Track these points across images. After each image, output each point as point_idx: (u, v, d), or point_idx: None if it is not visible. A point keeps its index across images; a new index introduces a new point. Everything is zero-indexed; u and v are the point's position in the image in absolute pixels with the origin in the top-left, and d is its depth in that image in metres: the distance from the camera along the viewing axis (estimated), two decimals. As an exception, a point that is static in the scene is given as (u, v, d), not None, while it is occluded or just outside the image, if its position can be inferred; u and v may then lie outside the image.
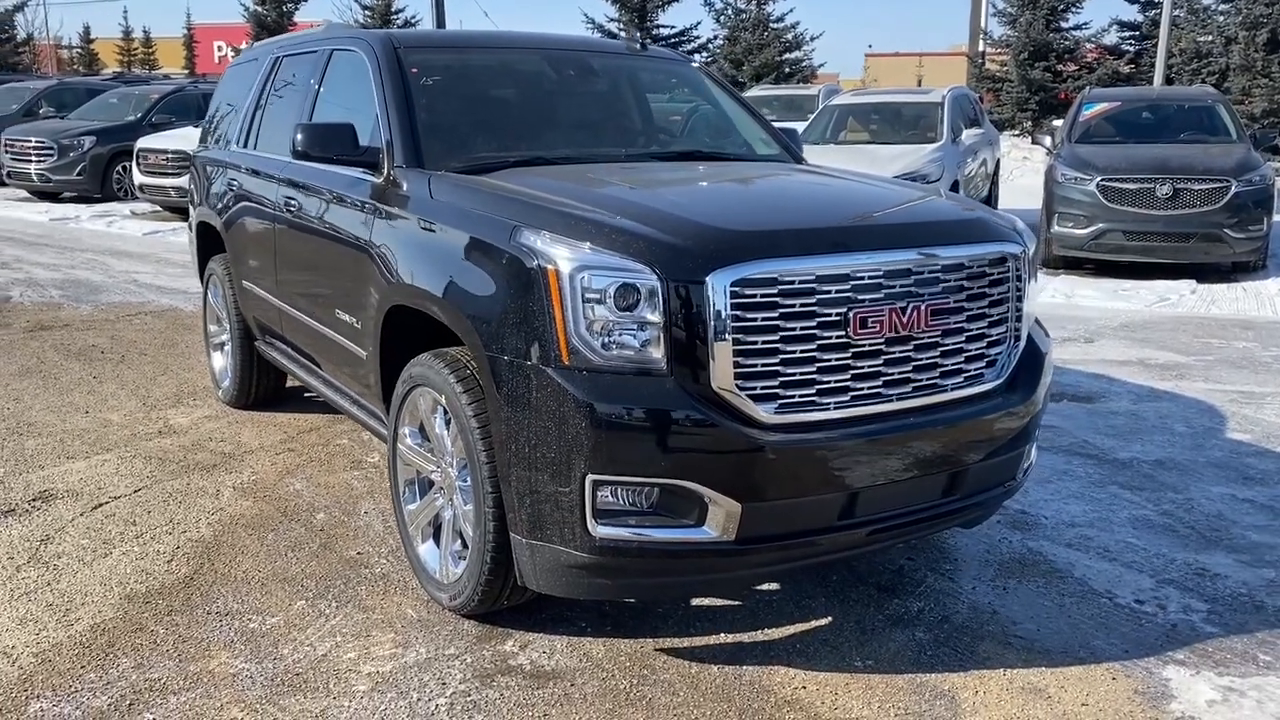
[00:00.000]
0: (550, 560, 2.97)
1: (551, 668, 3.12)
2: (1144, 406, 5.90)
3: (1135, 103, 12.50)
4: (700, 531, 2.89)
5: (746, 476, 2.86)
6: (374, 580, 3.68)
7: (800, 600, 3.56)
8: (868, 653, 3.23)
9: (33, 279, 10.24)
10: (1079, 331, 7.97)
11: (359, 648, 3.21)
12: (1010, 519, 4.27)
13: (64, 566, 3.76)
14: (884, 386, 3.04)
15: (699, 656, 3.20)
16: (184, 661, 3.12)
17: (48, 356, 6.97)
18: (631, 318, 2.83)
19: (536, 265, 2.88)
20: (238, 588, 3.61)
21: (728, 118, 4.72)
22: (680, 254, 2.85)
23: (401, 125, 3.82)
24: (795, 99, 19.46)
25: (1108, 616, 3.47)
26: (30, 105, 18.11)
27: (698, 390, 2.84)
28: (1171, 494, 4.55)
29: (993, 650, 3.25)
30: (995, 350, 3.30)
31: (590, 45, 4.77)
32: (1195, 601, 3.57)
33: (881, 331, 2.99)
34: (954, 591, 3.64)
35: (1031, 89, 23.58)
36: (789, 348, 2.89)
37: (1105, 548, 3.99)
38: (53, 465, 4.84)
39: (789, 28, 27.59)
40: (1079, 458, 5.02)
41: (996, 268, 3.28)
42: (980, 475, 3.30)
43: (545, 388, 2.86)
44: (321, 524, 4.17)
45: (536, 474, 2.90)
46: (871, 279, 2.98)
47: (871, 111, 13.35)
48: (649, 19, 27.62)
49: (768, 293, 2.85)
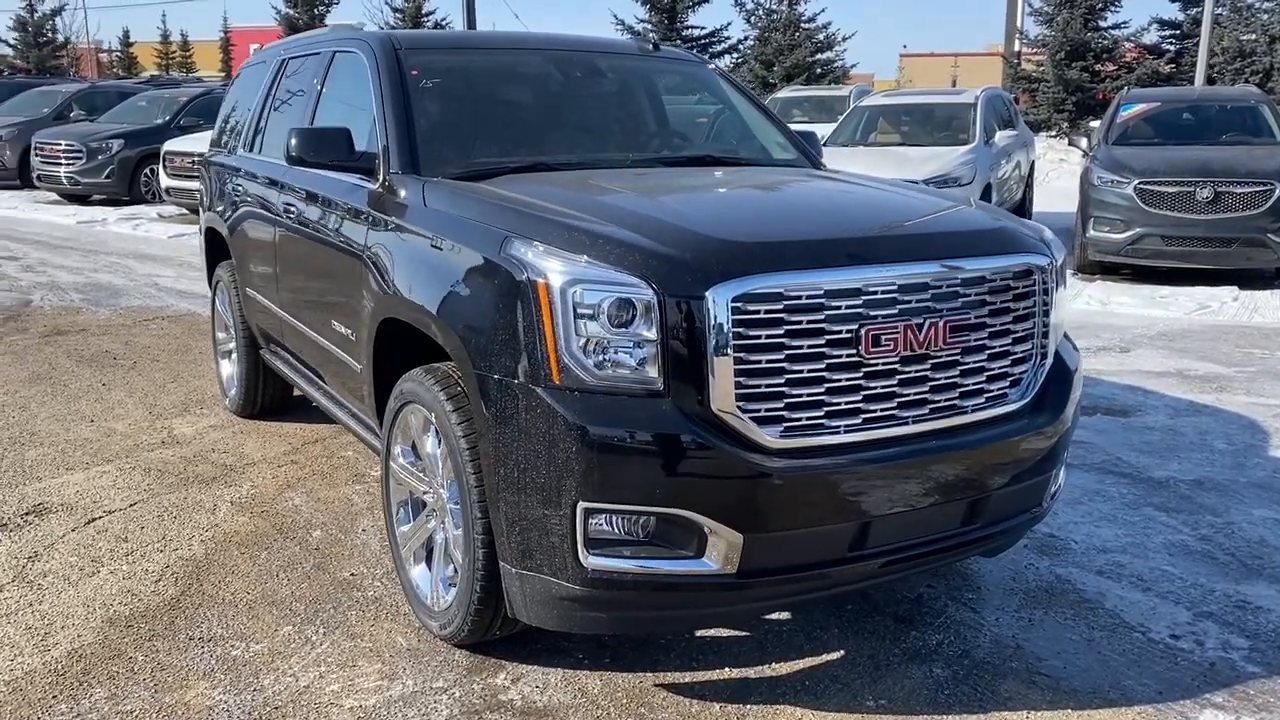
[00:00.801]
0: (540, 591, 2.80)
1: (544, 704, 2.95)
2: (1182, 421, 5.64)
3: (1175, 103, 12.15)
4: (699, 563, 2.70)
5: (749, 505, 2.67)
6: (365, 604, 3.52)
7: (811, 632, 3.37)
8: (881, 691, 3.03)
9: (55, 282, 10.23)
10: (1114, 340, 7.69)
11: (343, 679, 3.06)
12: (1038, 543, 4.04)
13: (48, 586, 3.64)
14: (898, 408, 2.84)
15: (701, 693, 3.01)
16: (160, 692, 2.97)
17: (59, 363, 6.90)
18: (626, 335, 2.65)
19: (526, 278, 2.71)
20: (224, 611, 3.47)
21: (742, 121, 4.53)
22: (679, 267, 2.67)
23: (398, 129, 3.66)
24: (826, 100, 19.20)
25: (1140, 653, 3.24)
26: (61, 108, 18.20)
27: (697, 412, 2.65)
28: (1211, 517, 4.30)
29: (1015, 689, 3.04)
30: (1020, 369, 3.09)
31: (599, 46, 4.59)
32: (1235, 637, 3.33)
33: (896, 350, 2.79)
34: (976, 623, 3.43)
35: (1068, 89, 23.12)
36: (796, 367, 2.70)
37: (1139, 576, 3.76)
38: (50, 477, 4.73)
39: (820, 28, 27.29)
40: (1112, 476, 4.78)
41: (1022, 281, 3.07)
42: (1003, 502, 3.09)
43: (534, 408, 2.69)
44: (317, 542, 4.03)
45: (525, 500, 2.73)
46: (885, 294, 2.78)
47: (902, 113, 13.09)
48: (679, 20, 27.43)
49: (773, 308, 2.66)
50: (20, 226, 14.29)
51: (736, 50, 28.33)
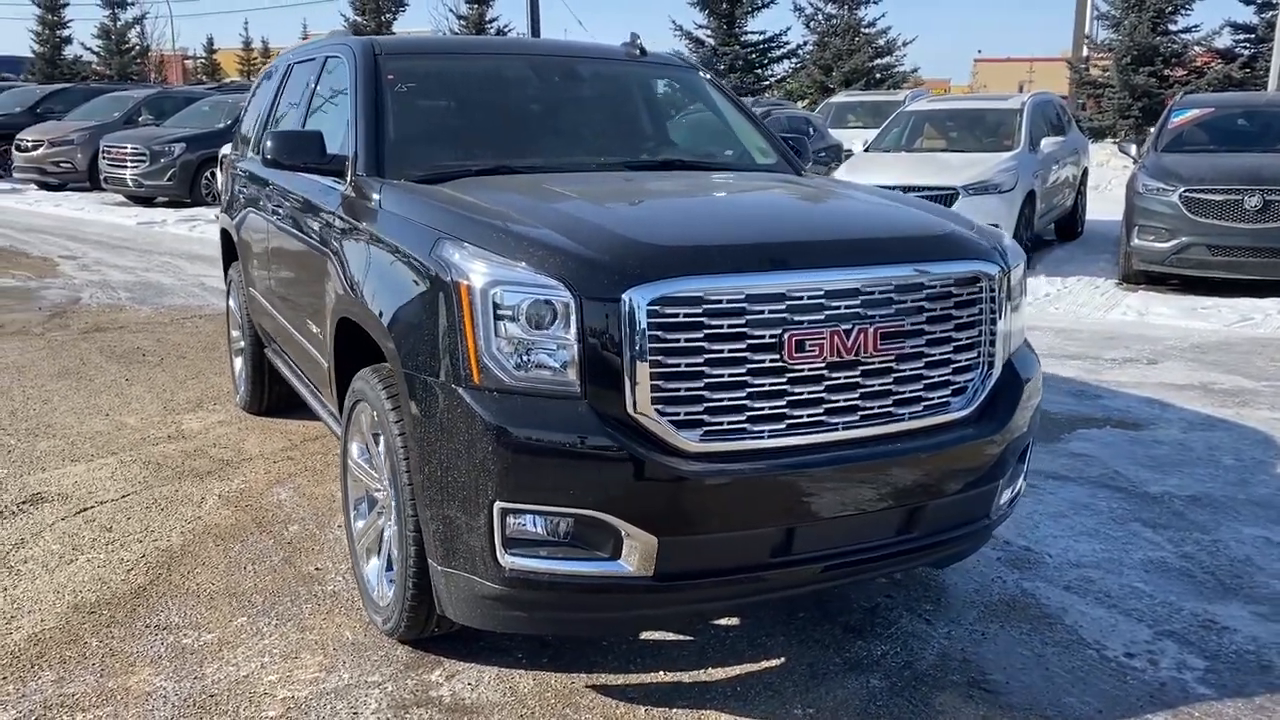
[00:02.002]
0: (464, 590, 2.83)
1: (471, 701, 2.98)
2: (1194, 436, 5.48)
3: (1230, 109, 11.80)
4: (616, 565, 2.71)
5: (664, 508, 2.67)
6: (322, 598, 3.59)
7: (756, 638, 3.35)
8: (811, 700, 3.00)
9: (106, 281, 10.57)
10: (1143, 352, 7.50)
11: (283, 670, 3.12)
12: (1011, 556, 3.97)
13: (27, 571, 3.78)
14: (827, 415, 2.82)
15: (630, 696, 3.02)
16: (105, 677, 3.07)
17: (90, 358, 7.14)
18: (545, 337, 2.67)
19: (450, 279, 2.75)
20: (186, 601, 3.56)
21: (725, 126, 4.53)
22: (597, 269, 2.68)
23: (366, 132, 3.74)
24: (880, 105, 19.03)
25: (1089, 670, 3.17)
26: (131, 113, 18.80)
27: (614, 415, 2.66)
28: (1198, 534, 4.18)
29: (950, 703, 2.99)
30: (964, 377, 3.04)
31: (584, 51, 4.63)
32: (1193, 658, 3.24)
33: (822, 355, 2.77)
34: (926, 635, 3.37)
35: (1134, 95, 22.52)
36: (716, 371, 2.69)
37: (1107, 592, 3.67)
38: (55, 468, 4.90)
39: (880, 32, 27.03)
40: (1106, 490, 4.66)
41: (966, 288, 3.02)
42: (943, 512, 3.04)
43: (455, 408, 2.72)
44: (291, 537, 4.11)
45: (448, 498, 2.77)
46: (811, 299, 2.76)
47: (947, 118, 12.92)
48: (737, 25, 27.36)
49: (692, 312, 2.66)
50: (84, 227, 14.80)
51: (795, 55, 28.19)
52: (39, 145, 18.21)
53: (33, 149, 18.25)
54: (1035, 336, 8.03)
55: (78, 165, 17.95)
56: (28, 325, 8.26)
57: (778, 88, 28.22)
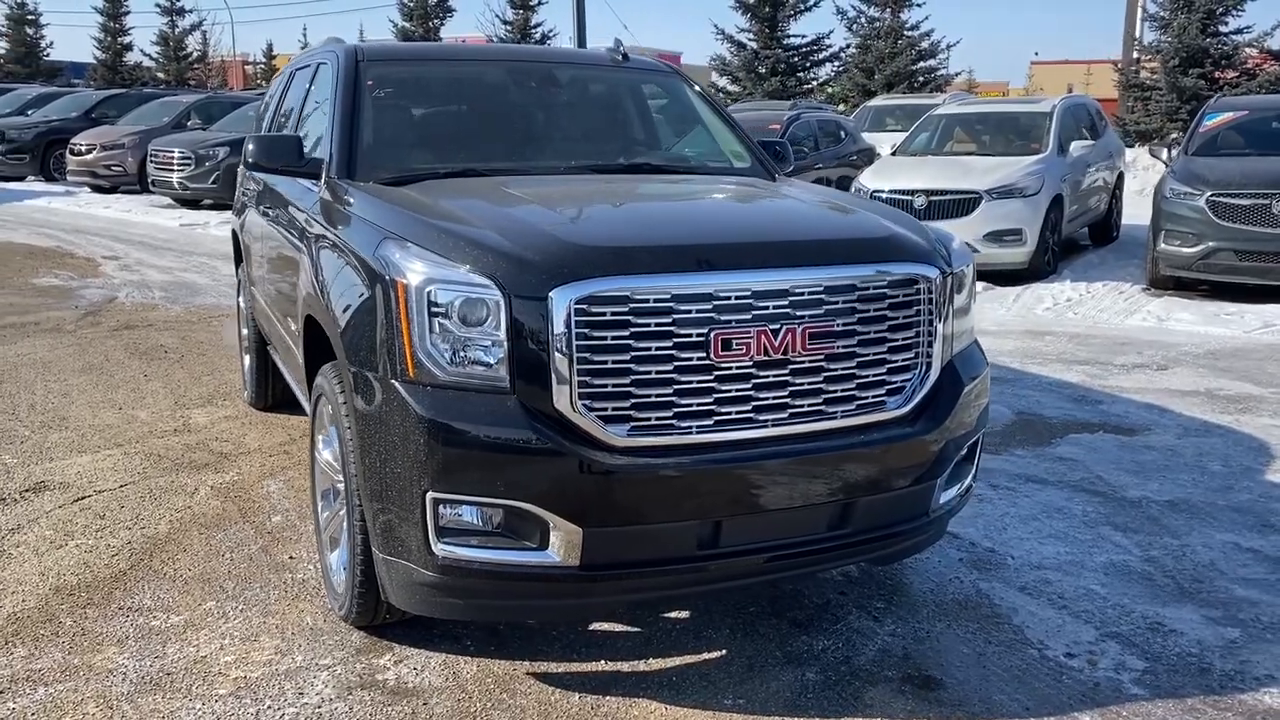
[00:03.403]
0: (403, 577, 2.94)
1: (414, 685, 3.09)
2: (1187, 441, 5.43)
3: (1265, 111, 11.56)
4: (543, 555, 2.80)
5: (588, 501, 2.76)
6: (291, 585, 3.73)
7: (702, 631, 3.42)
8: (743, 691, 3.07)
9: (144, 280, 10.89)
10: (1154, 358, 7.42)
11: (240, 652, 3.26)
12: (974, 557, 4.00)
13: (17, 555, 3.96)
14: (755, 412, 2.89)
15: (567, 684, 3.11)
16: (72, 654, 3.23)
17: (114, 355, 7.38)
18: (477, 334, 2.78)
19: (389, 277, 2.87)
20: (161, 585, 3.72)
21: (701, 130, 4.60)
22: (525, 268, 2.78)
23: (340, 136, 3.87)
24: (919, 109, 18.84)
25: (1026, 669, 3.19)
26: (180, 118, 19.30)
27: (542, 410, 2.76)
28: (1167, 539, 4.16)
29: (880, 697, 3.04)
30: (900, 377, 3.09)
31: (564, 57, 4.74)
32: (1134, 659, 3.25)
33: (749, 354, 2.84)
34: (870, 632, 3.42)
35: (1182, 97, 22.08)
36: (643, 369, 2.77)
37: (1061, 594, 3.68)
38: (62, 458, 5.11)
39: (923, 35, 26.83)
40: (1083, 495, 4.66)
41: (902, 290, 3.07)
42: (877, 509, 3.09)
43: (392, 402, 2.84)
44: (273, 527, 4.26)
45: (387, 488, 2.88)
46: (739, 299, 2.83)
47: (976, 121, 12.83)
48: (779, 28, 27.33)
49: (618, 311, 2.75)
50: (130, 228, 15.23)
51: (838, 59, 28.08)
52: (91, 149, 18.77)
53: (86, 153, 18.82)
54: (1048, 342, 8.03)
55: (128, 168, 18.47)
56: (62, 323, 8.56)
57: (819, 91, 28.14)
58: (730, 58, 28.16)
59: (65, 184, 19.99)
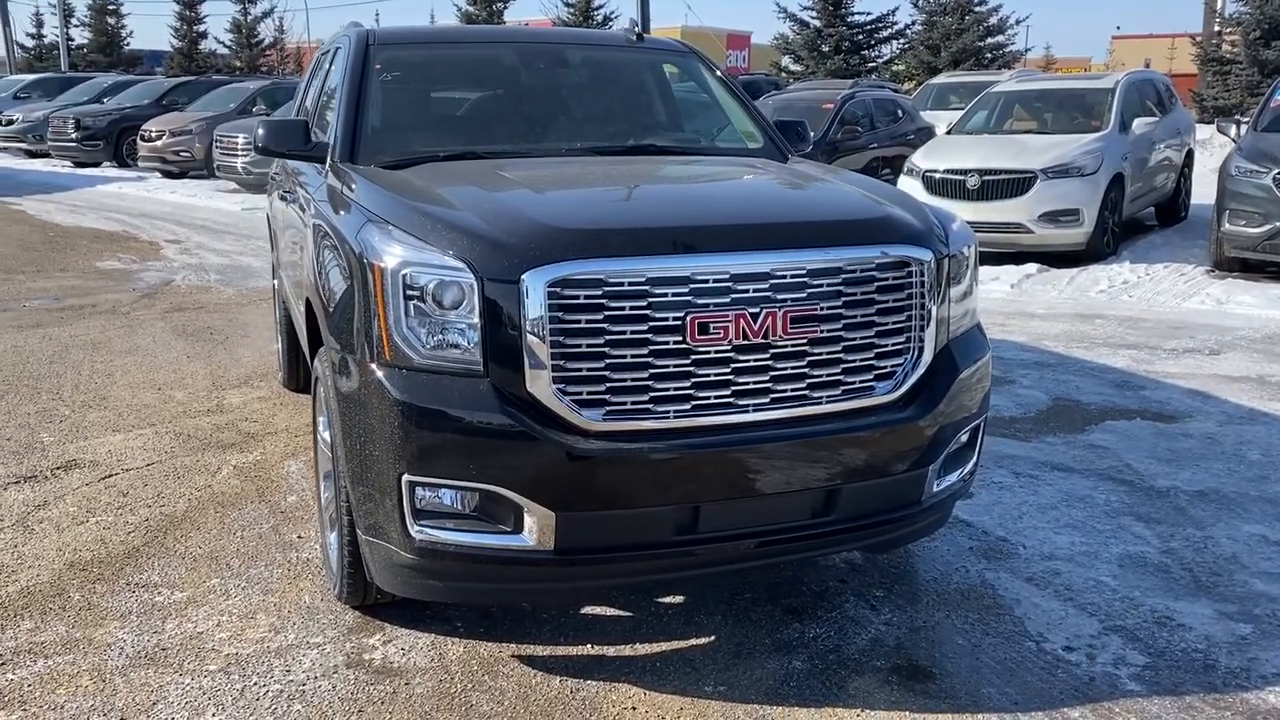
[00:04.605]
0: (384, 558, 2.97)
1: (399, 665, 3.12)
2: (1227, 430, 5.24)
3: (1342, 86, 11.06)
4: (517, 539, 2.80)
5: (562, 485, 2.75)
6: (295, 564, 3.79)
7: (694, 616, 3.40)
8: (726, 678, 3.04)
9: (202, 264, 11.14)
10: (1207, 342, 7.16)
11: (235, 629, 3.32)
12: (985, 546, 3.91)
13: (40, 531, 4.09)
14: (735, 397, 2.84)
15: (549, 666, 3.11)
16: (75, 628, 3.32)
17: (161, 336, 7.57)
18: (452, 317, 2.78)
19: (368, 261, 2.88)
20: (170, 562, 3.81)
21: (715, 110, 4.54)
22: (499, 251, 2.77)
23: (345, 120, 3.90)
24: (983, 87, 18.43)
25: (1021, 662, 3.11)
26: (246, 104, 19.66)
27: (515, 394, 2.75)
28: (1191, 530, 4.02)
29: (865, 688, 2.99)
30: (890, 362, 3.02)
31: (578, 39, 4.71)
32: (1135, 654, 3.14)
33: (727, 338, 2.79)
34: (866, 620, 3.36)
35: (1264, 71, 21.26)
36: (619, 352, 2.75)
37: (1069, 585, 3.58)
38: (97, 437, 5.25)
39: (991, 10, 26.18)
40: (1110, 483, 4.52)
41: (891, 273, 3.00)
42: (864, 496, 3.03)
43: (370, 384, 2.85)
44: (287, 506, 4.33)
45: (366, 470, 2.91)
46: (717, 282, 2.79)
47: (1036, 99, 12.48)
48: (844, 6, 26.90)
49: (592, 294, 2.72)
50: (194, 213, 15.59)
51: (903, 36, 27.56)
52: (161, 135, 19.24)
53: (156, 139, 19.30)
54: (1097, 326, 7.80)
55: (195, 154, 18.89)
56: (117, 305, 8.79)
57: (884, 69, 27.66)
58: (793, 36, 27.83)
59: (137, 170, 20.55)
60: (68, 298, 9.04)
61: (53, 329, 7.73)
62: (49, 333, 7.59)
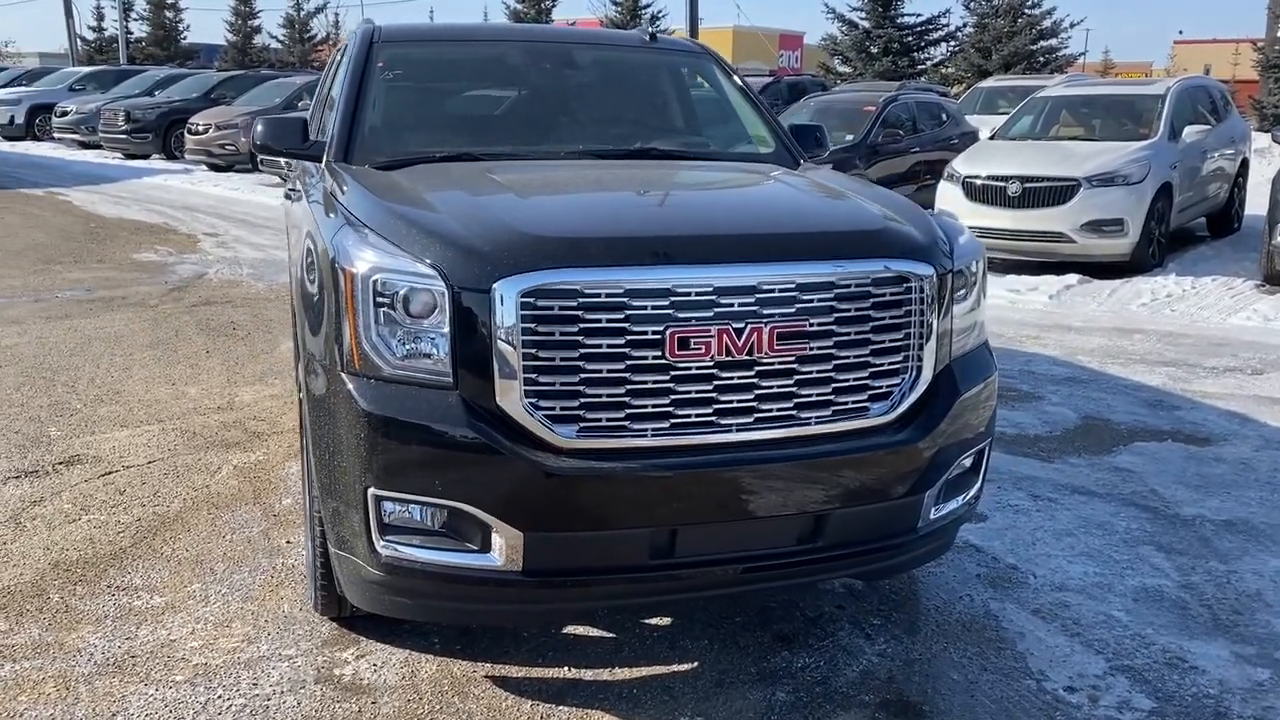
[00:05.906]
0: (352, 572, 2.87)
1: (368, 682, 3.02)
2: (1263, 455, 5.00)
3: (1405, 95, 10.64)
4: (485, 558, 2.69)
5: (531, 504, 2.63)
6: (278, 571, 3.71)
7: (679, 640, 3.27)
8: (704, 709, 2.91)
9: (237, 257, 11.19)
10: (1250, 361, 6.88)
11: (208, 637, 3.25)
12: (993, 574, 3.73)
13: (31, 528, 4.05)
14: (717, 415, 2.71)
15: (522, 689, 3.00)
16: (48, 630, 3.27)
17: (184, 330, 7.58)
18: (423, 325, 2.67)
19: (340, 265, 2.78)
20: (155, 565, 3.75)
21: (728, 113, 4.40)
22: (470, 259, 2.65)
23: (342, 119, 3.82)
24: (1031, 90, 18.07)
25: (1018, 702, 2.94)
26: (291, 99, 19.79)
27: (485, 408, 2.64)
28: (1214, 563, 3.81)
29: (849, 725, 2.84)
30: (886, 382, 2.87)
31: (587, 38, 4.59)
32: (1142, 698, 2.96)
33: (709, 354, 2.66)
34: (858, 650, 3.21)
35: (1328, 78, 20.67)
36: (594, 367, 2.62)
37: (1077, 619, 3.40)
38: (104, 432, 5.24)
39: (1045, 13, 25.66)
40: (1133, 509, 4.31)
41: (888, 288, 2.84)
42: (855, 522, 2.88)
43: (338, 393, 2.76)
44: (280, 510, 4.27)
45: (334, 482, 2.81)
46: (700, 295, 2.65)
47: (1083, 105, 12.15)
48: (893, 7, 26.54)
49: (567, 305, 2.60)
50: (233, 206, 15.72)
51: (953, 38, 27.11)
52: (208, 129, 19.44)
53: (202, 132, 19.51)
54: (1135, 341, 7.53)
55: (240, 148, 19.02)
56: (147, 298, 8.84)
57: (933, 72, 27.23)
58: (841, 37, 27.50)
59: (184, 162, 20.78)
60: (99, 289, 9.11)
61: (79, 320, 7.78)
62: (75, 324, 7.64)
